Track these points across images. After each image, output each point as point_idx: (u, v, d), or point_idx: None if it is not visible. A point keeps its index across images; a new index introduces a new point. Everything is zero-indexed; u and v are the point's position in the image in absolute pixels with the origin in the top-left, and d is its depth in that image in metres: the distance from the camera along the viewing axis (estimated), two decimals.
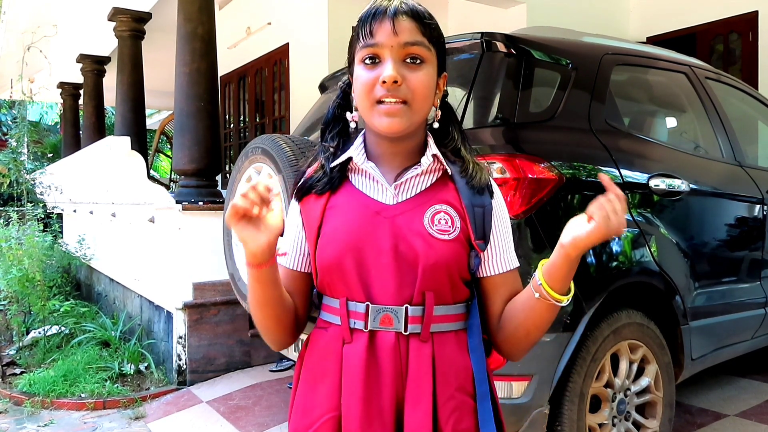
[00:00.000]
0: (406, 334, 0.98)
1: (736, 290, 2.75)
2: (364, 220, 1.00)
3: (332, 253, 0.99)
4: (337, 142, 1.07)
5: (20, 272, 4.73)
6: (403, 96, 0.96)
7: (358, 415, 0.95)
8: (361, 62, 0.99)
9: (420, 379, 0.97)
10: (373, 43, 0.97)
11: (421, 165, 1.02)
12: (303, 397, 1.03)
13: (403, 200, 1.02)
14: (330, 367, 1.00)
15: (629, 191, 2.27)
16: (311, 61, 5.81)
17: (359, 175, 1.05)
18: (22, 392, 3.80)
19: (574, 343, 2.04)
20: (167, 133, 13.15)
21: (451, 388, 0.98)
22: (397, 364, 0.97)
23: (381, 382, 0.96)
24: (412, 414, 0.96)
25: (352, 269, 0.98)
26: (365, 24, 0.98)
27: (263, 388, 3.60)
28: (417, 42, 0.97)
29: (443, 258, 0.98)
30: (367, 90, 0.98)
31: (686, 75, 2.89)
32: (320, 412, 0.99)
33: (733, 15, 5.55)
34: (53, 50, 7.47)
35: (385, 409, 0.96)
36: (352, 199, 1.03)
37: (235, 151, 7.83)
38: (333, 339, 1.01)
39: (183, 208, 3.84)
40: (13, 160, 6.06)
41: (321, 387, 1.00)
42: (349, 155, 1.04)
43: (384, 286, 0.98)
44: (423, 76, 0.98)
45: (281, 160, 2.40)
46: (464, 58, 2.30)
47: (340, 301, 1.00)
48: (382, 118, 0.97)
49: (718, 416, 2.91)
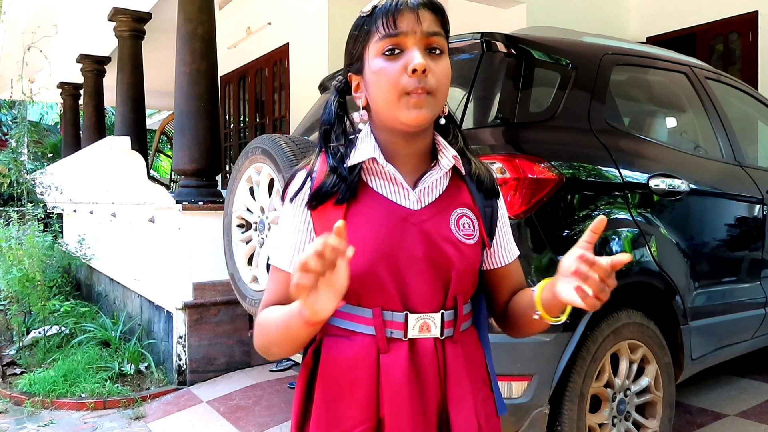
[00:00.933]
0: (442, 338, 0.99)
1: (736, 290, 2.75)
2: (393, 227, 0.97)
3: (365, 262, 0.94)
4: (342, 142, 1.04)
5: (20, 272, 4.73)
6: (430, 86, 0.94)
7: (408, 423, 0.95)
8: (381, 54, 0.95)
9: (460, 380, 0.99)
10: (397, 33, 0.94)
11: (442, 167, 1.01)
12: (325, 409, 0.99)
13: (426, 205, 1.01)
14: (362, 377, 0.96)
15: (629, 191, 2.28)
16: (311, 61, 5.81)
17: (377, 178, 1.01)
18: (22, 392, 3.81)
19: (574, 343, 2.04)
20: (167, 133, 13.15)
21: (479, 382, 1.04)
22: (436, 369, 0.98)
23: (425, 388, 0.97)
24: (458, 415, 0.98)
25: (388, 278, 0.95)
26: (387, 15, 0.95)
27: (263, 388, 3.60)
28: (438, 32, 0.96)
29: (472, 262, 1.01)
30: (393, 81, 0.94)
31: (686, 75, 2.89)
32: (351, 423, 0.96)
33: (733, 15, 5.55)
34: (53, 50, 7.46)
35: (429, 414, 0.97)
36: (375, 204, 0.99)
37: (235, 151, 7.83)
38: (363, 349, 0.97)
39: (183, 208, 3.84)
40: (13, 160, 6.07)
41: (350, 398, 0.97)
42: (370, 155, 0.99)
43: (420, 294, 0.97)
44: (445, 65, 0.97)
45: (281, 160, 2.40)
46: (464, 58, 2.30)
47: (373, 311, 0.97)
48: (411, 110, 0.94)
49: (718, 416, 2.91)
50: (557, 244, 2.04)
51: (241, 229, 2.85)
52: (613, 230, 2.19)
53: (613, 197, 2.23)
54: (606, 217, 0.88)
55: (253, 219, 2.75)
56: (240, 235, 2.83)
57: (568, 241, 2.07)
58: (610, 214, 2.20)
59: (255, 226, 2.73)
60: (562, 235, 2.06)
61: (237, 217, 2.84)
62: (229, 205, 2.86)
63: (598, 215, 2.16)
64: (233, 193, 2.83)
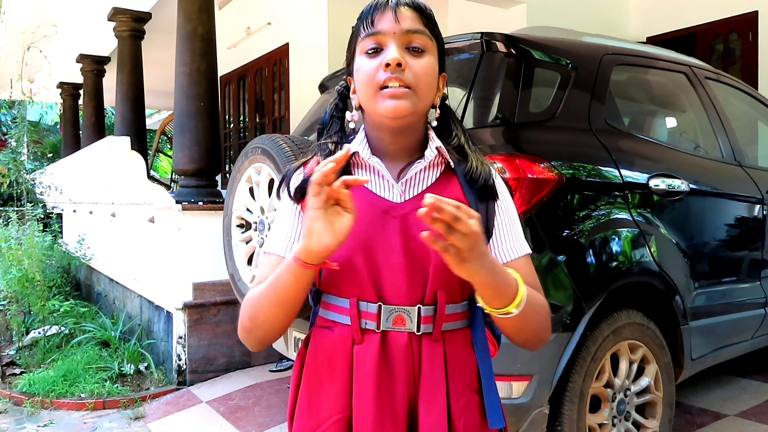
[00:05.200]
0: (418, 334, 0.97)
1: (736, 290, 2.75)
2: (372, 219, 0.98)
3: (342, 251, 0.94)
4: (335, 140, 1.06)
5: (20, 272, 4.73)
6: (408, 81, 0.95)
7: (371, 415, 0.94)
8: (363, 53, 0.99)
9: (434, 379, 0.97)
10: (376, 32, 0.97)
11: (426, 158, 1.01)
12: (307, 398, 1.01)
13: (410, 198, 1.01)
14: (338, 368, 0.98)
15: (629, 191, 2.28)
16: (311, 61, 5.81)
17: (363, 171, 1.03)
18: (21, 392, 3.80)
19: (574, 343, 2.04)
20: (167, 133, 13.16)
21: (462, 386, 1.00)
22: (409, 365, 0.97)
23: (394, 382, 0.96)
24: (427, 414, 0.96)
25: (363, 269, 0.96)
26: (367, 17, 0.99)
27: (263, 388, 3.60)
28: (419, 30, 0.98)
29: None
30: (370, 76, 0.97)
31: (686, 75, 2.89)
32: (328, 413, 0.98)
33: (733, 15, 5.55)
34: (53, 50, 7.47)
35: (398, 410, 0.96)
36: (358, 196, 0.99)
37: (235, 151, 7.83)
38: (341, 339, 0.99)
39: (183, 208, 3.84)
40: (13, 160, 6.06)
41: (328, 387, 0.99)
42: (354, 149, 1.01)
43: (396, 286, 0.97)
44: (426, 62, 0.98)
45: (281, 160, 2.40)
46: (464, 58, 2.30)
47: (350, 301, 0.98)
48: (386, 101, 0.95)
49: (718, 416, 2.91)
50: (557, 244, 2.04)
51: (241, 229, 2.85)
52: (613, 230, 2.19)
53: (613, 197, 2.23)
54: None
55: (252, 219, 2.75)
56: (240, 235, 2.83)
57: (568, 241, 2.07)
58: (610, 214, 2.20)
59: (255, 226, 2.73)
60: (562, 235, 2.06)
61: (237, 217, 2.84)
62: (228, 205, 2.86)
63: (599, 215, 2.17)
64: (233, 193, 2.83)
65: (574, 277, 2.04)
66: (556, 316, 1.98)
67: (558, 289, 2.03)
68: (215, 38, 4.27)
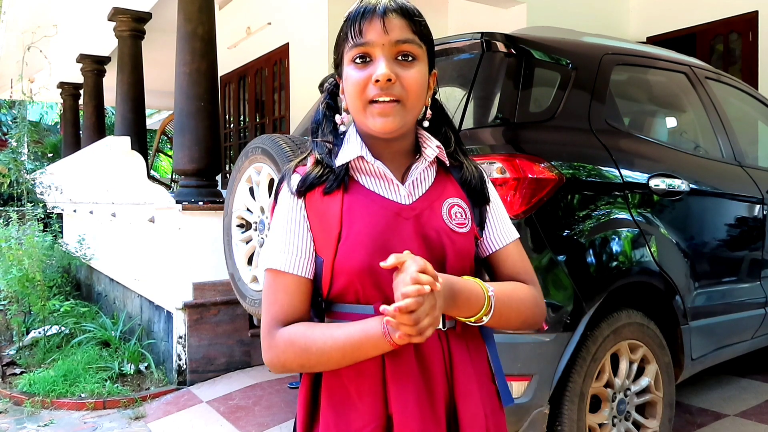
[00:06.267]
0: (444, 330, 0.99)
1: (736, 290, 2.75)
2: (387, 223, 0.98)
3: (363, 258, 0.95)
4: (330, 140, 1.05)
5: (20, 272, 4.73)
6: (397, 95, 0.95)
7: (416, 417, 0.94)
8: (351, 62, 0.97)
9: (466, 372, 0.99)
10: (364, 42, 0.95)
11: (427, 157, 1.02)
12: (333, 415, 0.98)
13: (417, 198, 1.02)
14: (368, 377, 0.96)
15: (629, 191, 2.28)
16: (311, 61, 5.82)
17: (367, 176, 1.02)
18: (22, 392, 3.81)
19: (574, 343, 2.04)
20: (167, 133, 13.16)
21: (484, 376, 1.04)
22: (442, 362, 0.98)
23: (431, 381, 0.97)
24: (466, 408, 0.98)
25: (386, 273, 0.93)
26: (354, 23, 0.96)
27: (263, 388, 3.60)
28: (408, 39, 0.96)
29: (465, 251, 1.01)
30: (359, 90, 0.96)
31: (686, 75, 2.89)
32: (361, 423, 0.96)
33: (733, 15, 5.55)
34: (53, 50, 7.46)
35: (437, 407, 0.96)
36: (369, 201, 0.99)
37: (235, 151, 7.84)
38: None
39: (183, 208, 3.84)
40: (13, 160, 6.07)
41: (358, 399, 0.96)
42: (358, 153, 0.99)
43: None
44: (416, 73, 0.97)
45: (281, 160, 2.40)
46: (464, 58, 2.30)
47: (375, 307, 0.95)
48: (376, 118, 0.95)
49: (718, 416, 2.91)
50: (557, 244, 2.04)
51: (241, 229, 2.85)
52: (613, 230, 2.19)
53: (613, 197, 2.23)
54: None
55: (253, 219, 2.75)
56: (240, 235, 2.83)
57: (568, 241, 2.07)
58: (610, 214, 2.20)
59: (255, 226, 2.73)
60: (562, 235, 2.06)
61: (237, 217, 2.84)
62: (229, 205, 2.86)
63: (599, 215, 2.17)
64: (233, 193, 2.83)
65: (574, 276, 2.04)
66: (556, 316, 1.98)
67: (558, 289, 2.03)
68: (215, 38, 4.27)
